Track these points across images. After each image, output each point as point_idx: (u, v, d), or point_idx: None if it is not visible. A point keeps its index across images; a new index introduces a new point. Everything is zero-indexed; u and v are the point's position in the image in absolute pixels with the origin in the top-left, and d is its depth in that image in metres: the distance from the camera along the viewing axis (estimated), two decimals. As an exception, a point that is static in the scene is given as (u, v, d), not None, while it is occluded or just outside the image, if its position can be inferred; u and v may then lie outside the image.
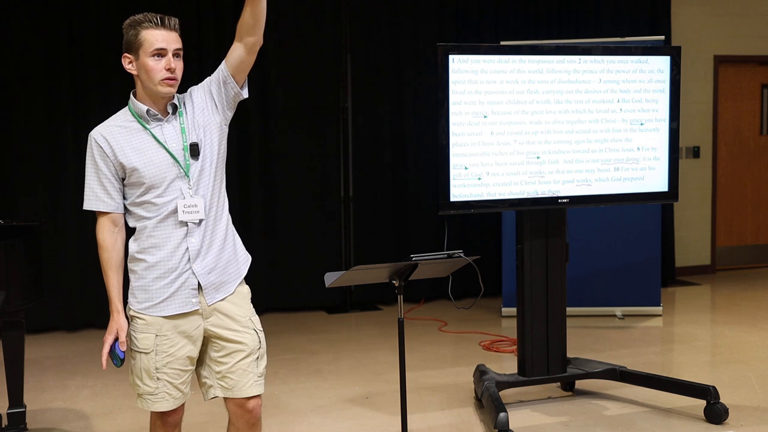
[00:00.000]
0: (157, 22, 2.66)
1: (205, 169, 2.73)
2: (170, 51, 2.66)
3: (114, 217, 2.72)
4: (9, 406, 3.96)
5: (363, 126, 6.92)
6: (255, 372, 2.80)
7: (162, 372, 2.71)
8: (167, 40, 2.66)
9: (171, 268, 2.69)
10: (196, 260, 2.70)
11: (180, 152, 2.70)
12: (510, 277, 6.23)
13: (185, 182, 2.69)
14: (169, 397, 2.74)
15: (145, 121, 2.70)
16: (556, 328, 4.29)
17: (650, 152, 4.29)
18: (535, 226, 4.22)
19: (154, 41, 2.64)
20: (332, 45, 6.86)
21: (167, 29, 2.67)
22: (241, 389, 2.78)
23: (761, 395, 4.43)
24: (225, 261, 2.77)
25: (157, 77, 2.65)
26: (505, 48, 4.40)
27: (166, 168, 2.67)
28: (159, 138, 2.69)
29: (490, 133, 4.02)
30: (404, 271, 3.19)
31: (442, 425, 4.11)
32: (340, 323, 6.50)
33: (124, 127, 2.70)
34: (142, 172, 2.65)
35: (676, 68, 4.28)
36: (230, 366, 2.77)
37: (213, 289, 2.74)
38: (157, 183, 2.66)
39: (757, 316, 6.34)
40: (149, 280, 2.70)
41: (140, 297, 2.72)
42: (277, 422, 4.19)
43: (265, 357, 2.86)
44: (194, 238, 2.69)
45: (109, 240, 2.71)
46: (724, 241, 8.35)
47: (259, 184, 6.68)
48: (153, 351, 2.70)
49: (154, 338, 2.69)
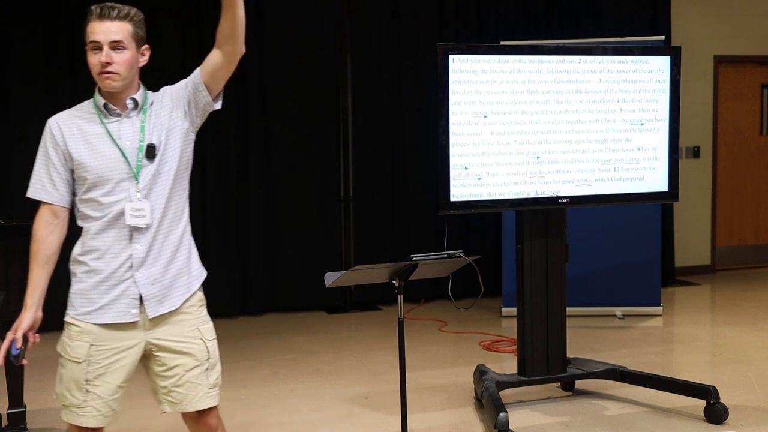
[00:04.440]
0: (98, 14, 2.50)
1: (162, 173, 2.58)
2: (105, 44, 2.48)
3: (55, 209, 2.57)
4: (9, 406, 3.97)
5: (363, 126, 6.92)
6: (205, 384, 2.65)
7: (92, 384, 2.54)
8: (103, 31, 2.48)
9: (111, 273, 2.54)
10: (140, 269, 2.55)
11: (133, 151, 2.56)
12: (510, 277, 6.23)
13: (133, 184, 2.54)
14: (96, 413, 2.55)
15: (103, 115, 2.57)
16: (556, 328, 4.29)
17: (650, 152, 4.28)
18: (535, 226, 4.22)
19: (91, 33, 2.50)
20: (332, 45, 6.86)
21: (104, 19, 2.49)
22: (190, 403, 2.63)
23: (761, 395, 4.43)
24: (174, 273, 2.63)
25: (95, 71, 2.51)
26: (505, 48, 4.39)
27: (114, 166, 2.54)
28: (113, 134, 2.55)
29: (490, 133, 4.02)
30: (404, 271, 3.19)
31: (442, 425, 4.11)
32: (340, 323, 6.50)
33: (83, 118, 2.57)
34: (88, 166, 2.52)
35: (676, 68, 4.28)
36: (177, 380, 2.62)
37: (156, 301, 2.57)
38: (103, 180, 2.53)
39: (757, 316, 6.34)
40: (88, 285, 2.56)
41: (77, 303, 2.58)
42: (277, 422, 4.19)
43: (217, 367, 2.70)
44: (140, 245, 2.55)
45: (43, 231, 2.56)
46: (724, 241, 8.35)
47: (258, 184, 6.68)
48: (85, 361, 2.53)
49: (88, 347, 2.54)
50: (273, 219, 6.75)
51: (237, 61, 2.61)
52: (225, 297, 6.61)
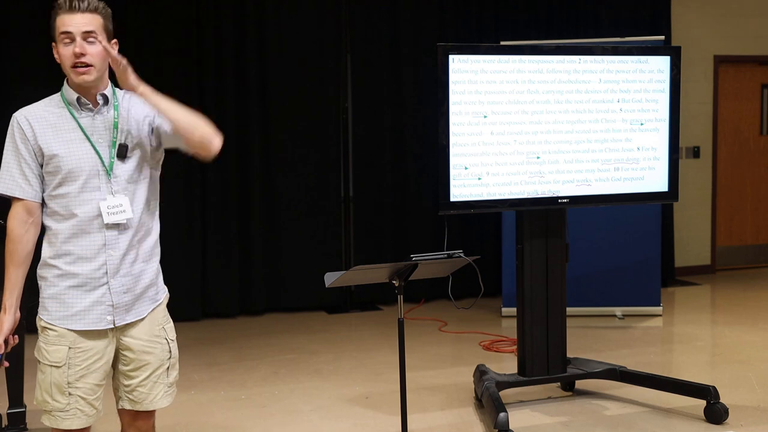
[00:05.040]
0: (67, 6, 2.45)
1: (135, 176, 2.55)
2: (78, 34, 2.43)
3: (30, 206, 2.50)
4: (9, 406, 3.97)
5: (363, 126, 6.92)
6: (165, 383, 2.66)
7: (74, 387, 2.50)
8: (74, 22, 2.43)
9: (87, 277, 2.50)
10: (116, 275, 2.52)
11: (106, 148, 2.52)
12: (510, 277, 6.23)
13: (106, 180, 2.50)
14: (81, 414, 2.52)
15: (75, 109, 2.51)
16: (556, 328, 4.29)
17: (650, 152, 4.28)
18: (535, 226, 4.22)
19: (61, 25, 2.44)
20: (332, 45, 6.86)
21: (74, 11, 2.43)
22: (151, 402, 2.64)
23: (761, 395, 4.43)
24: (145, 284, 2.60)
25: (67, 64, 2.46)
26: (505, 48, 4.40)
27: (87, 160, 2.48)
28: (86, 129, 2.51)
29: (490, 133, 4.02)
30: (404, 271, 3.19)
31: (442, 425, 4.11)
32: (340, 323, 6.50)
33: (52, 112, 2.51)
34: (61, 160, 2.46)
35: (676, 68, 4.28)
36: (141, 380, 2.61)
37: (123, 310, 2.55)
38: (75, 174, 2.47)
39: (757, 316, 6.34)
40: (61, 288, 2.50)
41: (52, 307, 2.51)
42: (277, 422, 4.19)
43: (176, 366, 2.71)
44: (115, 251, 2.51)
45: (19, 230, 2.49)
46: (724, 241, 8.35)
47: (259, 184, 6.67)
48: (65, 364, 2.49)
49: (67, 351, 2.49)
50: (273, 219, 6.74)
51: (206, 157, 2.56)
52: (225, 297, 6.61)
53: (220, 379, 4.94)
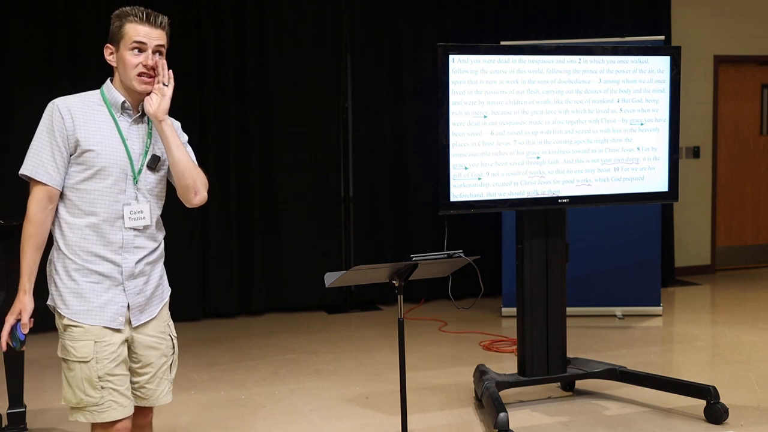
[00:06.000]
0: (142, 17, 2.58)
1: (157, 185, 2.67)
2: (150, 47, 2.57)
3: (52, 193, 2.55)
4: (9, 406, 3.97)
5: (363, 126, 6.93)
6: (168, 379, 2.75)
7: (105, 380, 2.55)
8: (149, 35, 2.57)
9: (103, 276, 2.56)
10: (130, 277, 2.59)
11: (138, 155, 2.61)
12: (510, 277, 6.23)
13: (132, 186, 2.59)
14: (116, 405, 2.57)
15: (116, 110, 2.60)
16: (556, 328, 4.29)
17: (650, 152, 4.28)
18: (535, 226, 4.22)
19: (135, 34, 2.56)
20: (332, 45, 6.86)
21: (152, 26, 2.59)
22: (158, 398, 2.72)
23: (761, 395, 4.43)
24: (155, 284, 2.68)
25: (133, 72, 2.57)
26: (505, 48, 4.39)
27: (120, 161, 2.56)
28: (123, 131, 2.59)
29: (490, 133, 4.02)
30: (404, 271, 3.19)
31: (442, 425, 4.11)
32: (340, 323, 6.50)
33: (93, 108, 2.59)
34: (97, 155, 2.53)
35: (676, 68, 4.28)
36: (151, 376, 2.69)
37: (138, 311, 2.63)
38: (107, 172, 2.54)
39: (757, 316, 6.34)
40: (81, 283, 2.55)
41: (71, 302, 2.55)
42: (277, 422, 4.19)
43: (176, 363, 2.80)
44: (130, 255, 2.59)
45: (40, 215, 2.54)
46: (724, 241, 8.36)
47: (259, 183, 6.67)
48: (93, 359, 2.54)
49: (94, 345, 2.54)
50: (273, 219, 6.75)
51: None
52: (225, 297, 6.61)
53: (220, 379, 4.94)
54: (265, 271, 6.71)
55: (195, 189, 2.64)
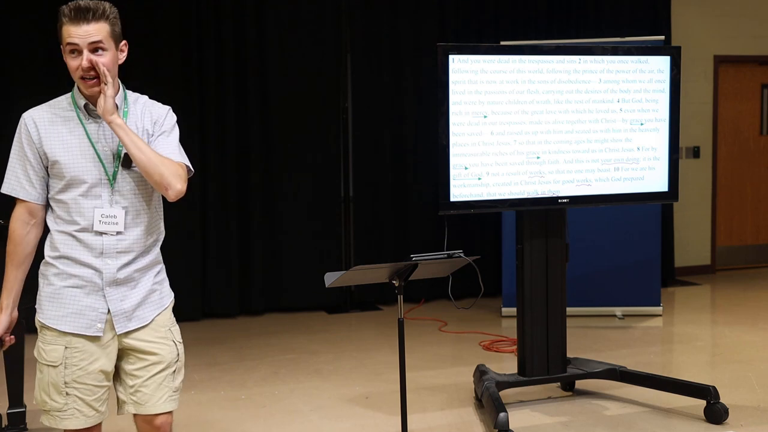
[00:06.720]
0: (71, 15, 2.37)
1: (140, 185, 2.52)
2: (84, 46, 2.38)
3: (32, 208, 2.49)
4: (9, 406, 3.96)
5: (363, 126, 6.92)
6: (170, 386, 2.60)
7: (71, 387, 2.48)
8: (80, 34, 2.36)
9: (84, 281, 2.47)
10: (112, 283, 2.49)
11: (110, 156, 2.48)
12: (510, 277, 6.23)
13: (108, 190, 2.47)
14: (79, 414, 2.50)
15: (83, 115, 2.48)
16: (556, 328, 4.29)
17: (650, 152, 4.28)
18: (535, 226, 4.22)
19: (67, 36, 2.38)
20: (332, 45, 6.86)
21: (81, 22, 2.37)
22: (155, 405, 2.57)
23: (761, 395, 4.43)
24: (146, 290, 2.56)
25: (76, 76, 2.43)
26: (505, 48, 4.40)
27: (90, 168, 2.46)
28: (92, 136, 2.47)
29: (490, 133, 4.02)
30: (404, 271, 3.19)
31: (442, 425, 4.11)
32: (340, 323, 6.50)
33: (60, 115, 2.48)
34: (63, 166, 2.44)
35: (676, 68, 4.28)
36: (144, 380, 2.56)
37: (124, 317, 2.52)
38: (78, 182, 2.45)
39: (757, 316, 6.34)
40: (59, 287, 2.48)
41: (46, 307, 2.50)
42: (277, 422, 4.19)
43: (182, 371, 2.66)
44: (112, 260, 2.48)
45: (20, 232, 2.49)
46: (724, 241, 8.35)
47: (259, 184, 6.67)
48: (62, 364, 2.47)
49: (63, 350, 2.47)
50: (273, 219, 6.75)
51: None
52: (225, 297, 6.61)
53: (220, 379, 4.94)
54: (265, 271, 6.71)
55: (165, 184, 2.45)
